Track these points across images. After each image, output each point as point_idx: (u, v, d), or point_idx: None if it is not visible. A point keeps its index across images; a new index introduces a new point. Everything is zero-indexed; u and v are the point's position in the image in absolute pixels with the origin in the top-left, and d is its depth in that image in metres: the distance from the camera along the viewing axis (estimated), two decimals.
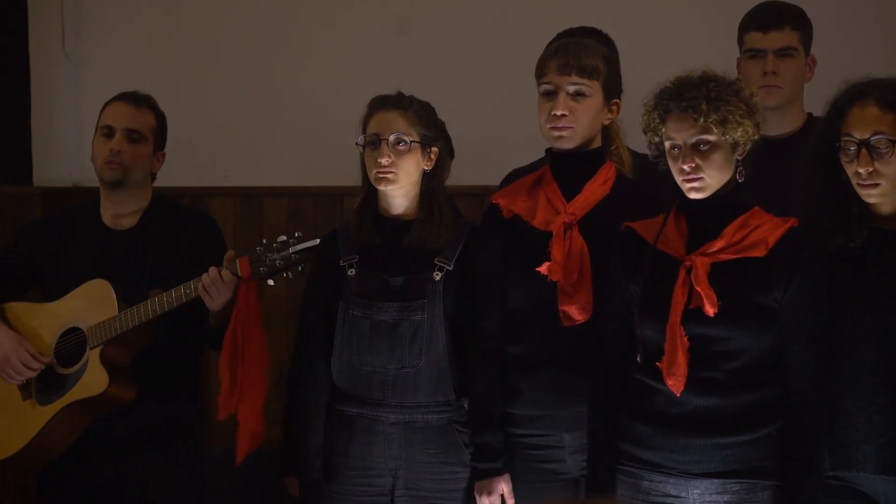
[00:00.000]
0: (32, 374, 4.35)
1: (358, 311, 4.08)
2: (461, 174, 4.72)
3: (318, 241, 4.13)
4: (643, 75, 3.88)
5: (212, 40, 5.72)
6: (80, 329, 4.33)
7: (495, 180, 4.50)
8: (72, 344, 4.34)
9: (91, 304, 4.32)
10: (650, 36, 5.45)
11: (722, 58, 4.04)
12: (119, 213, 4.48)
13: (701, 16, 5.51)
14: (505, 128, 5.28)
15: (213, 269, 4.16)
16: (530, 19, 5.46)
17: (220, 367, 4.19)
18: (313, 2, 5.73)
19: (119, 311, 4.27)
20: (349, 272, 4.12)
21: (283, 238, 4.14)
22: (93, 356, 4.28)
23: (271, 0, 5.76)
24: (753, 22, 4.51)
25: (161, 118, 4.53)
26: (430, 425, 4.08)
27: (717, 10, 5.26)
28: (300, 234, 4.14)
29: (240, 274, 4.16)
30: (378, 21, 5.69)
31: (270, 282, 4.18)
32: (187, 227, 4.47)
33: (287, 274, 4.15)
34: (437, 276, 4.07)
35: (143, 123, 4.47)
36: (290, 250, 4.11)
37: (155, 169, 4.53)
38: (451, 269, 4.08)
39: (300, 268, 4.14)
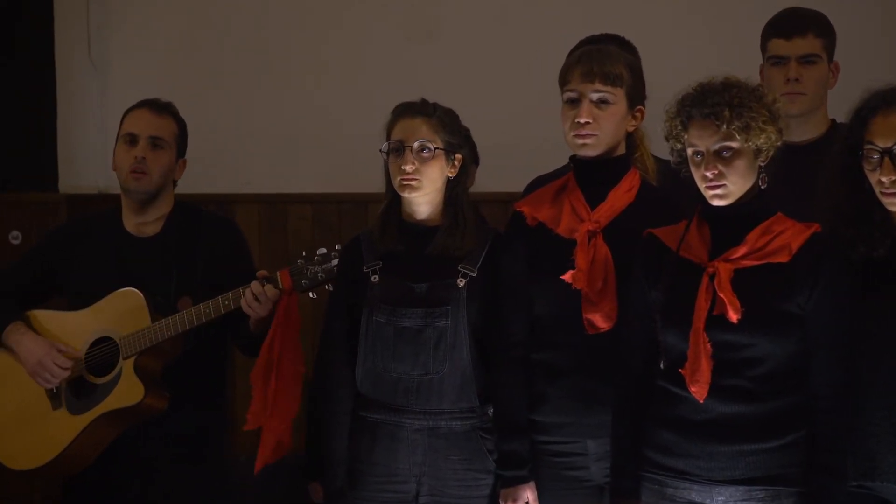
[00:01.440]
0: (67, 375, 4.35)
1: (382, 318, 4.09)
2: (485, 181, 4.73)
3: None
4: (666, 82, 3.88)
5: (236, 48, 5.73)
6: (112, 339, 4.33)
7: (519, 187, 4.51)
8: (103, 353, 4.35)
9: (122, 314, 4.32)
10: (673, 42, 5.45)
11: (745, 65, 4.04)
12: (142, 220, 4.49)
13: (723, 23, 5.51)
14: (529, 135, 5.28)
15: (256, 284, 4.17)
16: (554, 27, 5.47)
17: (252, 378, 4.20)
18: (337, 11, 5.74)
19: (152, 321, 4.27)
20: (373, 278, 4.12)
21: (324, 250, 4.15)
22: (127, 366, 4.28)
23: (296, 9, 5.77)
24: (776, 29, 4.51)
25: (182, 125, 4.54)
26: (454, 432, 4.09)
27: (739, 18, 5.26)
28: (339, 246, 4.16)
29: (281, 286, 4.17)
30: (402, 30, 5.70)
31: (312, 294, 4.20)
32: (211, 234, 4.48)
33: (329, 286, 4.16)
34: (461, 282, 4.08)
35: (165, 130, 4.47)
36: (332, 263, 4.13)
37: (177, 176, 4.53)
38: (474, 275, 4.08)
39: None
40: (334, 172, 5.61)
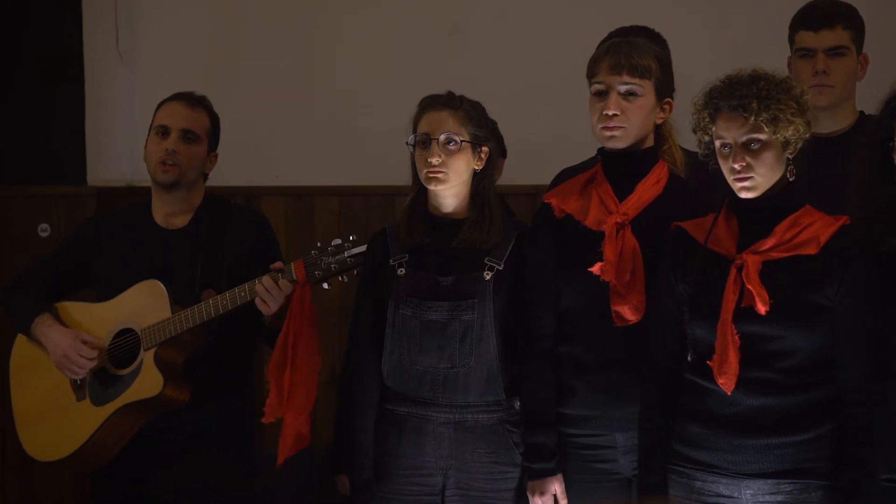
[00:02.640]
0: (93, 365, 4.37)
1: (408, 311, 4.09)
2: (513, 174, 4.73)
3: None
4: (695, 74, 3.87)
5: (265, 41, 5.74)
6: (134, 330, 4.35)
7: (546, 179, 4.51)
8: (125, 345, 4.36)
9: (144, 306, 4.33)
10: (701, 34, 5.44)
11: (772, 58, 4.03)
12: (171, 212, 4.50)
13: (752, 15, 5.50)
14: (556, 127, 5.28)
15: (267, 278, 4.17)
16: (582, 19, 5.46)
17: (268, 371, 4.20)
18: (365, 5, 5.75)
19: (172, 313, 4.28)
20: (399, 271, 4.13)
21: (338, 241, 4.14)
22: (147, 358, 4.29)
23: (324, 2, 5.77)
24: (804, 21, 4.49)
25: (215, 119, 4.54)
26: (480, 425, 4.09)
27: (768, 10, 5.25)
28: (354, 237, 4.15)
29: (295, 278, 4.17)
30: (430, 22, 5.70)
31: (325, 285, 4.19)
32: (239, 228, 4.48)
33: (342, 278, 4.16)
34: (488, 275, 4.08)
35: (198, 124, 4.48)
36: (346, 254, 4.12)
37: (207, 169, 4.54)
38: (501, 268, 4.08)
39: (356, 272, 4.15)
40: (362, 165, 5.61)
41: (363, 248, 4.13)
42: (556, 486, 4.03)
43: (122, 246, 4.48)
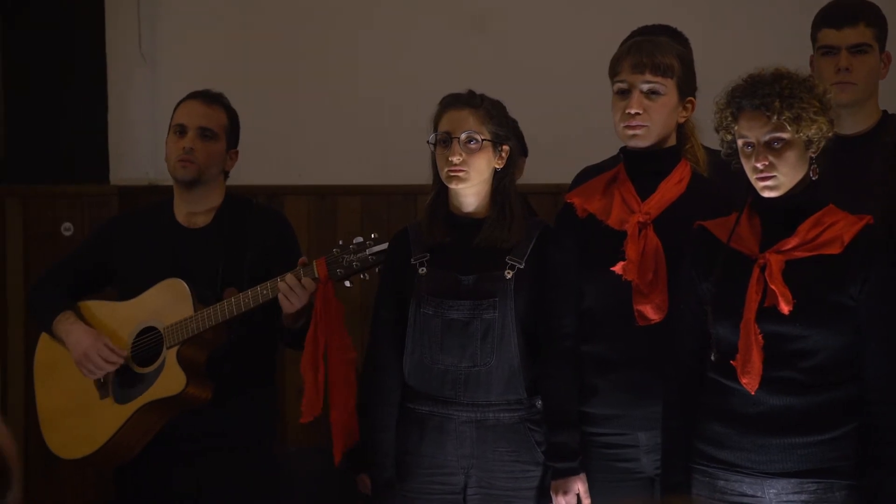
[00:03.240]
0: (112, 369, 4.38)
1: (429, 310, 4.10)
2: (534, 172, 4.73)
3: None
4: (717, 73, 3.86)
5: (286, 40, 5.75)
6: (156, 328, 4.36)
7: (568, 178, 4.50)
8: (148, 343, 4.37)
9: (167, 304, 4.34)
10: (723, 33, 5.43)
11: (795, 57, 4.02)
12: (193, 211, 4.51)
13: (774, 14, 5.48)
14: (578, 126, 5.27)
15: (290, 276, 4.17)
16: (603, 17, 5.46)
17: (302, 369, 4.20)
18: (387, 3, 5.75)
19: (195, 311, 4.29)
20: (420, 270, 4.13)
21: (360, 239, 4.15)
22: (170, 356, 4.30)
23: (345, 1, 5.78)
24: (827, 18, 4.48)
25: (233, 116, 4.55)
26: (501, 424, 4.09)
27: (790, 8, 5.24)
28: (376, 235, 4.15)
29: (317, 275, 4.17)
30: (451, 21, 5.70)
31: (347, 283, 4.20)
32: (260, 227, 4.49)
33: (364, 276, 4.16)
34: (509, 274, 4.07)
35: (215, 121, 4.49)
36: (367, 252, 4.12)
37: (228, 167, 4.55)
38: (522, 267, 4.08)
39: (377, 269, 4.15)
40: (384, 164, 5.62)
41: (385, 245, 4.13)
42: (580, 486, 4.03)
43: (144, 245, 4.49)
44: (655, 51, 3.99)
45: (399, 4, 5.75)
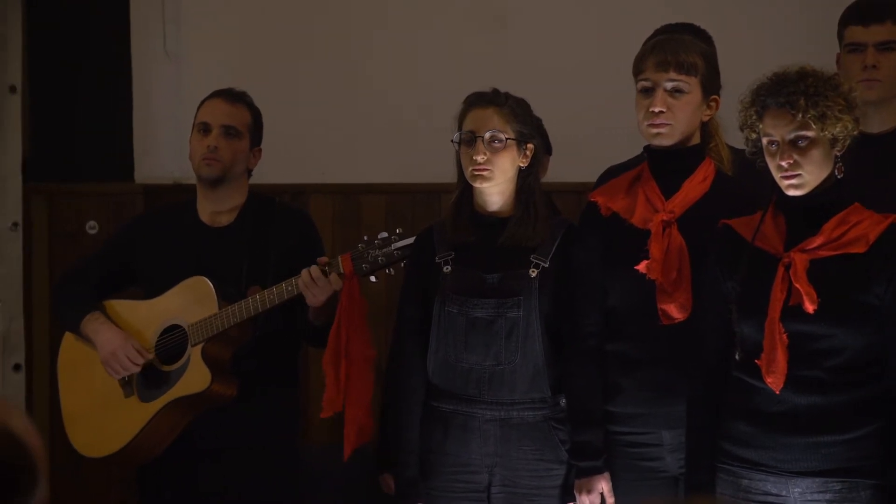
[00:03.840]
0: (137, 370, 4.40)
1: (454, 308, 4.09)
2: (558, 171, 4.72)
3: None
4: (742, 71, 3.86)
5: (311, 38, 5.75)
6: (181, 326, 4.37)
7: (592, 177, 4.49)
8: (173, 341, 4.38)
9: (191, 302, 4.35)
10: (747, 31, 5.42)
11: (820, 55, 4.01)
12: (217, 210, 4.52)
13: (800, 12, 5.47)
14: (602, 125, 5.26)
15: (315, 269, 4.18)
16: (627, 15, 5.44)
17: (324, 364, 4.20)
18: (410, 2, 5.75)
19: (219, 309, 4.30)
20: (445, 269, 4.13)
21: (385, 234, 4.14)
22: (194, 353, 4.31)
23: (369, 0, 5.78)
24: (854, 16, 4.47)
25: (256, 114, 4.56)
26: (525, 422, 4.08)
27: (816, 6, 5.22)
28: (401, 230, 4.15)
29: (342, 271, 4.17)
30: (475, 20, 5.70)
31: (373, 278, 4.20)
32: (283, 225, 4.49)
33: (389, 271, 4.16)
34: (533, 273, 4.07)
35: (238, 119, 4.50)
36: (392, 247, 4.12)
37: (251, 165, 4.55)
38: (547, 266, 4.07)
39: (403, 264, 4.15)
40: (408, 163, 5.61)
41: (410, 240, 4.13)
42: (604, 485, 4.03)
43: (168, 244, 4.50)
44: (679, 49, 3.99)
45: (422, 4, 5.75)
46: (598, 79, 5.45)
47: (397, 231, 4.14)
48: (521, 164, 4.11)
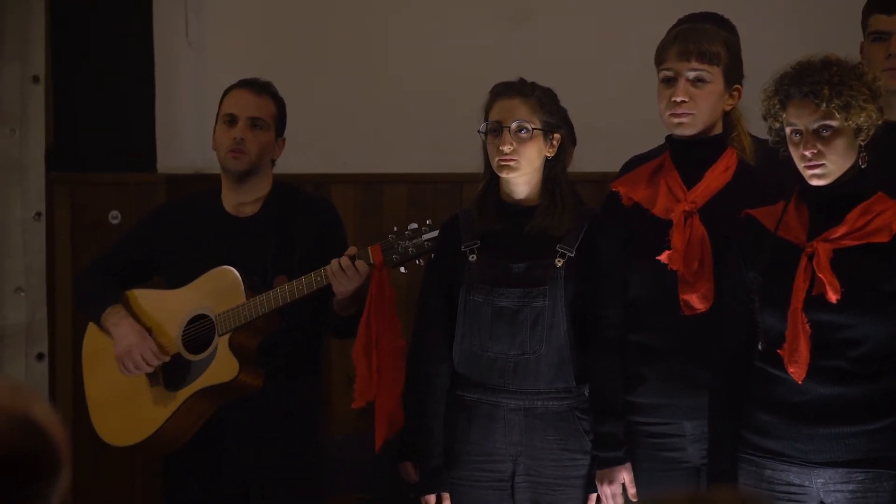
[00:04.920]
0: (149, 370, 4.39)
1: (479, 297, 4.09)
2: (580, 161, 4.71)
3: None
4: (764, 61, 3.84)
5: (334, 28, 5.75)
6: (208, 316, 4.37)
7: (614, 167, 4.48)
8: (200, 330, 4.38)
9: (218, 292, 4.35)
10: (771, 21, 5.40)
11: (843, 45, 4.00)
12: (241, 200, 4.51)
13: (822, 1, 5.45)
14: (624, 115, 5.25)
15: (344, 259, 4.17)
16: (650, 6, 5.43)
17: (354, 355, 4.20)
18: None
19: (246, 299, 4.30)
20: (470, 258, 4.12)
21: (415, 225, 4.13)
22: (222, 343, 4.31)
23: None
24: (878, 4, 4.45)
25: (281, 105, 4.55)
26: (550, 412, 4.08)
27: None
28: (430, 221, 4.15)
29: (372, 262, 4.17)
30: (497, 9, 5.69)
31: (402, 269, 4.19)
32: (308, 215, 4.49)
33: (419, 261, 4.16)
34: (559, 262, 4.06)
35: (265, 111, 4.49)
36: (423, 238, 4.11)
37: (275, 155, 4.55)
38: (572, 255, 4.07)
39: (432, 255, 4.15)
40: (430, 153, 5.61)
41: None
42: (625, 475, 4.03)
43: (192, 234, 4.50)
44: (702, 38, 3.98)
45: None
46: (620, 69, 5.43)
47: (427, 222, 4.13)
48: (548, 154, 4.10)
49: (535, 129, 4.05)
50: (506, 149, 4.03)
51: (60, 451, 2.14)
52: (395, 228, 4.15)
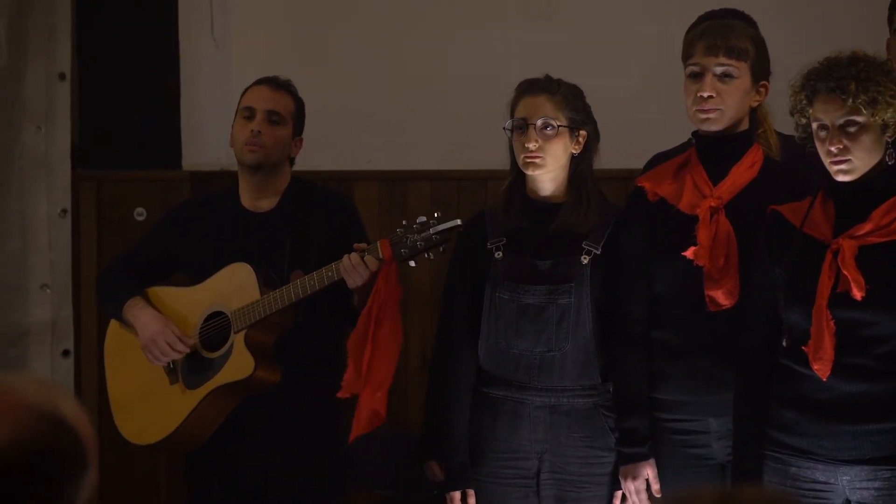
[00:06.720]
0: (177, 356, 4.39)
1: (505, 294, 4.09)
2: (605, 157, 4.70)
3: (459, 221, 4.09)
4: (790, 57, 3.83)
5: (358, 26, 5.75)
6: (224, 313, 4.38)
7: (638, 164, 4.48)
8: (216, 328, 4.39)
9: (233, 288, 4.35)
10: (796, 18, 5.38)
11: (871, 41, 3.99)
12: (258, 196, 4.52)
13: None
14: (650, 111, 5.24)
15: (354, 256, 4.17)
16: (675, 2, 5.42)
17: (349, 345, 4.20)
18: None
19: (261, 295, 4.31)
20: (496, 255, 4.12)
21: (423, 219, 4.12)
22: (238, 340, 4.31)
23: None
24: None
25: (300, 103, 4.56)
26: (575, 409, 4.08)
27: None
28: (439, 214, 4.14)
29: (381, 256, 4.16)
30: (522, 4, 5.69)
31: (412, 263, 4.19)
32: (325, 210, 4.49)
33: (428, 255, 4.14)
34: (585, 259, 4.06)
35: (282, 106, 4.50)
36: (431, 231, 4.10)
37: (293, 154, 4.56)
38: (598, 253, 4.06)
39: (441, 248, 4.13)
40: (454, 150, 5.61)
41: (449, 224, 4.09)
42: (649, 471, 4.02)
43: (210, 230, 4.51)
44: (730, 34, 3.97)
45: None
46: (645, 65, 5.42)
47: (436, 215, 4.11)
48: (574, 151, 4.10)
49: (561, 125, 4.05)
50: (531, 146, 4.03)
51: (88, 448, 2.14)
52: (404, 222, 4.15)
